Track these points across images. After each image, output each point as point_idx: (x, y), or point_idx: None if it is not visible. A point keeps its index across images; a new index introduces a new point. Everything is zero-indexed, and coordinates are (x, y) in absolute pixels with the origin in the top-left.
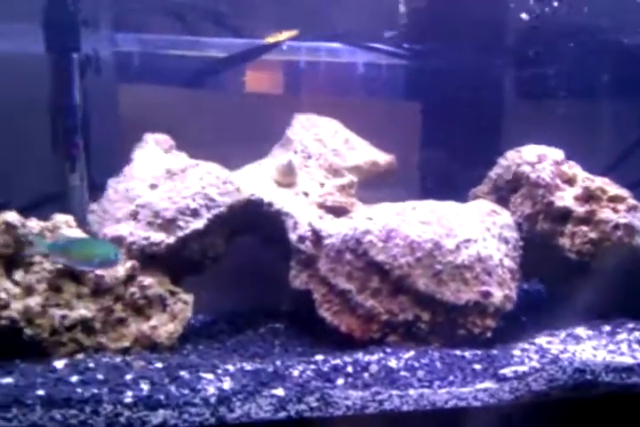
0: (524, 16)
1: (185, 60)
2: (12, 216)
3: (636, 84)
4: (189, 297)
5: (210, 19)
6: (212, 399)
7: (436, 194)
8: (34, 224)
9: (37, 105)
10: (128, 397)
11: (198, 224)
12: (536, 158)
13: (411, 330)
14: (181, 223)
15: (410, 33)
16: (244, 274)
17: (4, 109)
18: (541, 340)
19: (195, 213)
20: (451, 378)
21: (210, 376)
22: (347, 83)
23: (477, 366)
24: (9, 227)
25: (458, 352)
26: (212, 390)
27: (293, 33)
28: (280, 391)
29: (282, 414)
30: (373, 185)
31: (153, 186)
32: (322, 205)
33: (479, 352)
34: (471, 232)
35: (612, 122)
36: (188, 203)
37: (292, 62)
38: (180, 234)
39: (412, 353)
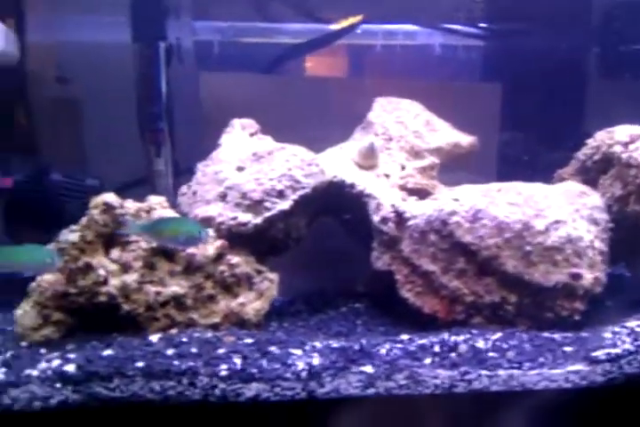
0: None
1: (262, 47)
2: (110, 197)
3: None
4: (275, 276)
5: (291, 5)
6: (303, 374)
7: (514, 176)
8: (130, 205)
9: (125, 93)
10: (223, 370)
11: (284, 205)
12: (628, 138)
13: (496, 312)
14: (268, 204)
15: (488, 12)
16: (320, 255)
17: (95, 97)
18: (632, 323)
19: (281, 195)
20: (541, 360)
21: (298, 352)
22: (422, 65)
23: (568, 349)
24: (108, 207)
25: (547, 334)
26: (301, 365)
27: (359, 18)
28: (369, 368)
29: (370, 391)
30: (448, 167)
31: (240, 168)
32: (403, 187)
33: (569, 335)
34: (560, 213)
35: None
36: (274, 184)
37: (364, 46)
38: (267, 215)
39: (499, 334)
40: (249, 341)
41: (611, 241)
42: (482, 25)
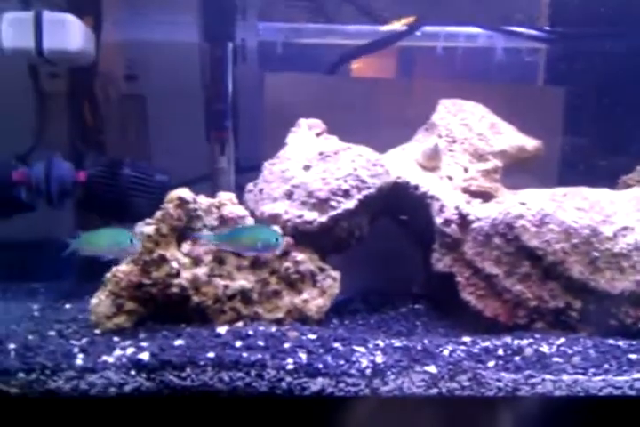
0: None
1: (322, 48)
2: (184, 192)
3: None
4: (337, 274)
5: (354, 6)
6: (367, 371)
7: (576, 181)
8: (203, 200)
9: (192, 91)
10: (289, 363)
11: (349, 204)
12: None
13: (559, 317)
14: (333, 203)
15: (553, 15)
16: (381, 255)
17: (163, 95)
18: None
19: (346, 194)
20: (606, 366)
21: (362, 350)
22: (484, 68)
23: (633, 356)
24: (182, 202)
25: (611, 341)
26: (365, 362)
27: (411, 19)
28: (432, 369)
29: (434, 391)
30: (509, 171)
31: (307, 167)
32: (466, 190)
33: (634, 342)
34: (628, 220)
35: None
36: (340, 184)
37: (423, 48)
38: (332, 213)
39: (563, 340)
40: (312, 336)
41: None
42: (546, 28)
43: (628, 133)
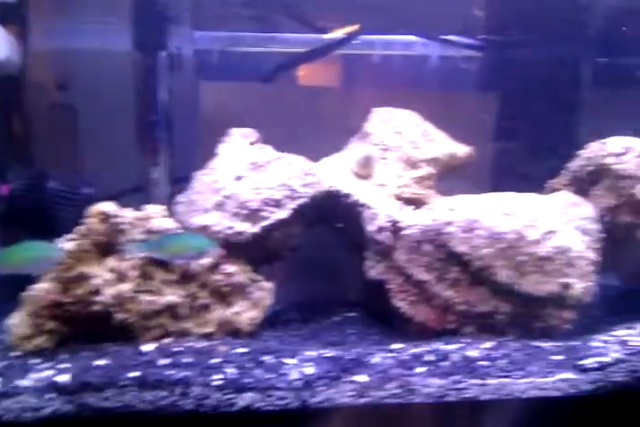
0: None
1: (261, 56)
2: (107, 206)
3: None
4: (270, 285)
5: (289, 15)
6: (296, 384)
7: (507, 186)
8: (128, 214)
9: (124, 101)
10: (216, 380)
11: (282, 214)
12: (621, 150)
13: (488, 321)
14: (265, 213)
15: (486, 24)
16: (315, 264)
17: (94, 105)
18: (620, 332)
19: (278, 204)
20: (530, 369)
21: (292, 361)
22: (419, 75)
23: (557, 357)
24: (105, 216)
25: (537, 343)
26: (295, 374)
27: (356, 27)
28: (362, 378)
29: (363, 400)
30: (443, 177)
31: (238, 178)
32: (399, 197)
33: (559, 344)
34: (553, 224)
35: None
36: (272, 194)
37: (361, 56)
38: (264, 224)
39: (490, 344)
40: (243, 350)
41: (602, 251)
42: (480, 36)
43: (557, 138)
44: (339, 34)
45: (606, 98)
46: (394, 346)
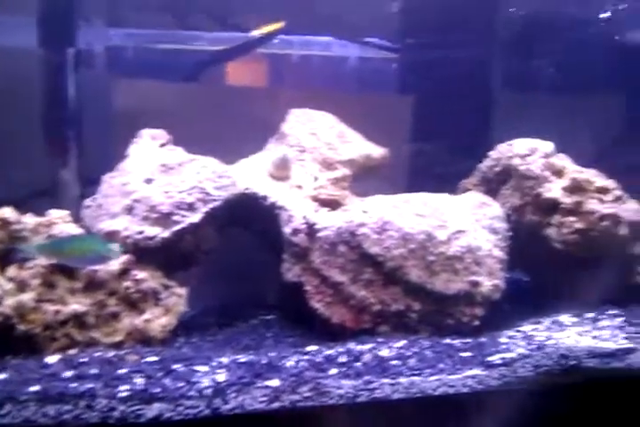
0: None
1: (177, 54)
2: (7, 212)
3: (626, 79)
4: (183, 290)
5: (206, 13)
6: (207, 391)
7: (423, 186)
8: (29, 220)
9: (30, 99)
10: (123, 391)
11: (194, 218)
12: (527, 151)
13: (401, 320)
14: (177, 217)
15: (401, 27)
16: (233, 267)
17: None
18: (527, 327)
19: (191, 208)
20: (440, 366)
21: (204, 369)
22: (337, 76)
23: (466, 354)
24: (4, 223)
25: (447, 341)
26: (206, 382)
27: (279, 25)
28: (275, 382)
29: (276, 405)
30: (361, 178)
31: (149, 180)
32: (316, 199)
33: (468, 340)
34: (462, 224)
35: (602, 115)
36: (183, 197)
37: (281, 55)
38: (176, 228)
39: (402, 342)
40: (153, 359)
41: (509, 249)
42: (396, 38)
43: (472, 139)
44: (264, 31)
45: (520, 100)
46: (309, 348)
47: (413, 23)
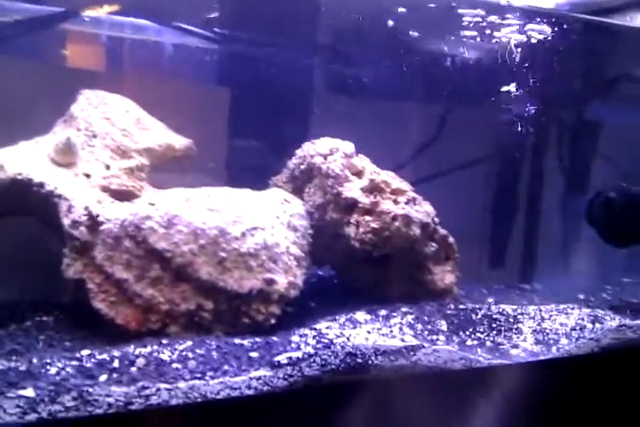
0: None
1: None
2: None
3: (437, 90)
4: None
5: None
6: None
7: (241, 181)
8: None
9: None
10: None
11: None
12: (328, 150)
13: (193, 319)
14: None
15: (222, 17)
16: (14, 260)
17: None
18: (322, 325)
19: None
20: (225, 368)
21: None
22: (152, 62)
23: (254, 354)
24: None
25: (237, 341)
26: None
27: (115, 7)
28: (30, 392)
29: (32, 417)
30: (176, 170)
31: None
32: (106, 189)
33: (259, 340)
34: (260, 220)
35: (414, 122)
36: None
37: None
38: None
39: (188, 344)
40: None
41: (313, 246)
42: (216, 29)
43: (287, 136)
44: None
45: (338, 104)
46: (83, 352)
47: (233, 15)
